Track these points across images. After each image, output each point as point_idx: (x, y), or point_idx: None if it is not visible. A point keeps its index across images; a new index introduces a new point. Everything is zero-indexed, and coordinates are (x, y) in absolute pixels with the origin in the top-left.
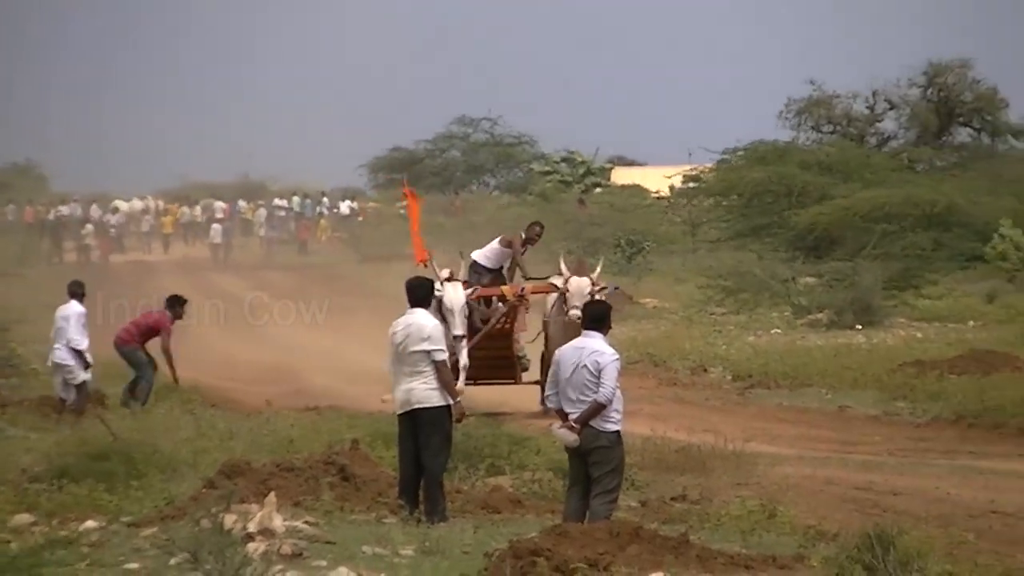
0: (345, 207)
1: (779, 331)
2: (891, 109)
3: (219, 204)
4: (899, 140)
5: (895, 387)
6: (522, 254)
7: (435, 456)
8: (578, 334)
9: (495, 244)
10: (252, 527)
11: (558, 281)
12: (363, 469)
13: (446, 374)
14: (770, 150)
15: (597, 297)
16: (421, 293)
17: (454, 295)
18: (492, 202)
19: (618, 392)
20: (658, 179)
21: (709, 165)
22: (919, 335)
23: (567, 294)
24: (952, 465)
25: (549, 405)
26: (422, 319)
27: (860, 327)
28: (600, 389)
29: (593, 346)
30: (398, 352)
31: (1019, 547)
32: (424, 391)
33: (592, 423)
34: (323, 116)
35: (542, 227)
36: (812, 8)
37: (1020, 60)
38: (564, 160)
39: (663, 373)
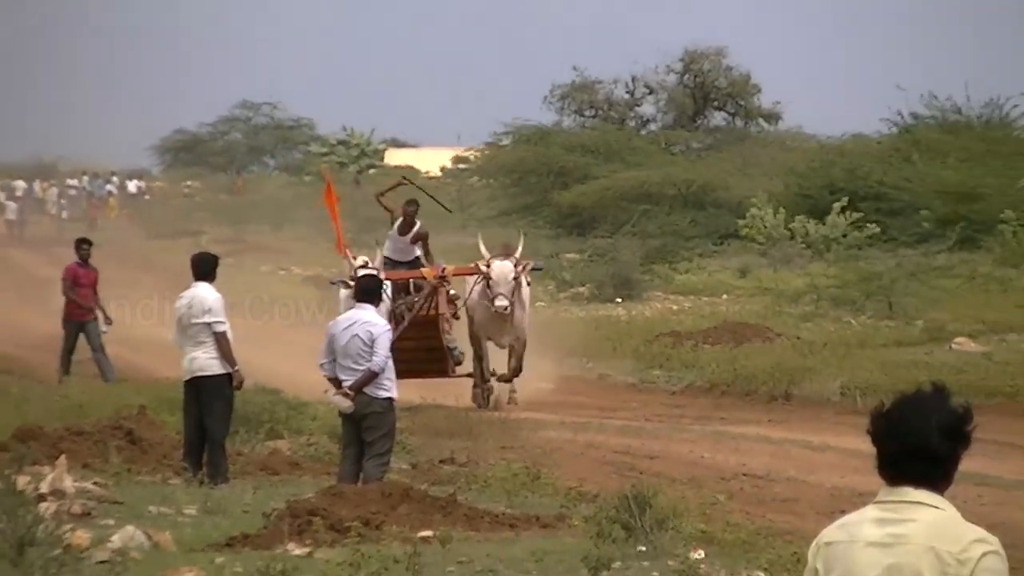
0: (133, 186)
1: (543, 304)
2: (650, 94)
3: (19, 183)
4: (657, 123)
5: (652, 356)
6: (411, 238)
7: (217, 421)
8: (505, 325)
9: (394, 236)
10: (44, 488)
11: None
12: (149, 433)
13: (225, 344)
14: (535, 132)
15: (521, 279)
16: (205, 267)
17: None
18: (272, 182)
19: (390, 361)
20: (430, 160)
21: (478, 147)
22: (675, 308)
23: (491, 280)
24: (705, 430)
25: (323, 373)
26: (204, 292)
27: (619, 300)
28: (373, 358)
29: (365, 317)
30: (182, 323)
31: (767, 507)
32: (205, 360)
33: (366, 390)
34: (111, 98)
35: (417, 204)
36: None
37: (772, 48)
38: (341, 142)
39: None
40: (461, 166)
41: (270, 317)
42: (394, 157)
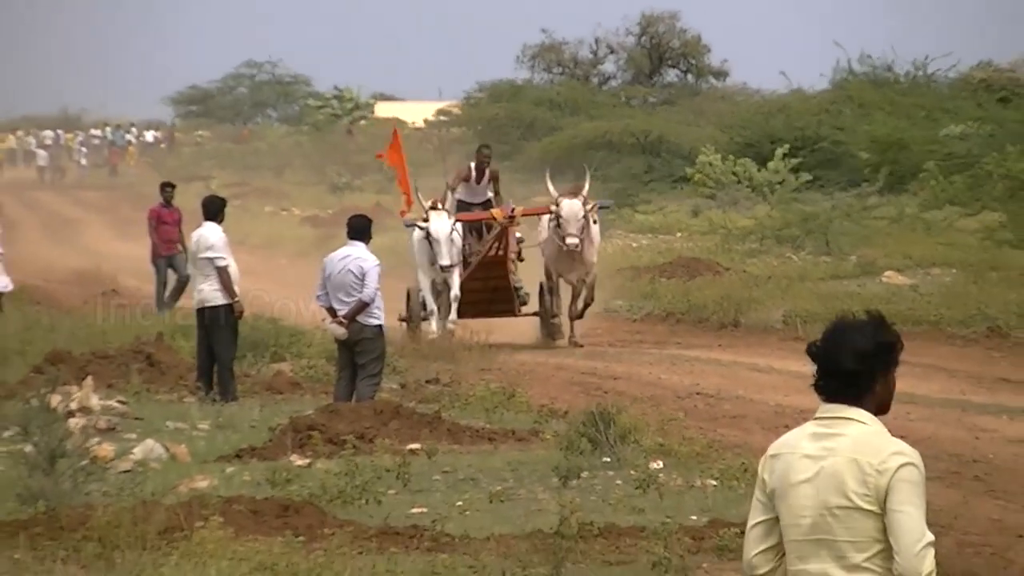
0: (150, 136)
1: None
2: (611, 54)
3: (47, 133)
4: (618, 80)
5: (614, 288)
6: (485, 182)
7: (223, 346)
8: (575, 262)
9: (464, 184)
10: (73, 406)
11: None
12: (166, 357)
13: (226, 277)
14: (508, 89)
15: (589, 217)
16: (212, 209)
17: (439, 224)
18: (273, 132)
19: (379, 292)
20: (414, 112)
21: (457, 101)
22: (634, 245)
23: (561, 220)
24: (662, 354)
25: (319, 304)
26: (209, 231)
27: None
28: (364, 290)
29: (357, 253)
30: (193, 258)
31: (719, 423)
32: (210, 291)
33: (358, 318)
34: (130, 56)
35: (489, 148)
36: None
37: (720, 12)
38: (335, 97)
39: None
40: (443, 118)
41: (273, 253)
42: (382, 110)
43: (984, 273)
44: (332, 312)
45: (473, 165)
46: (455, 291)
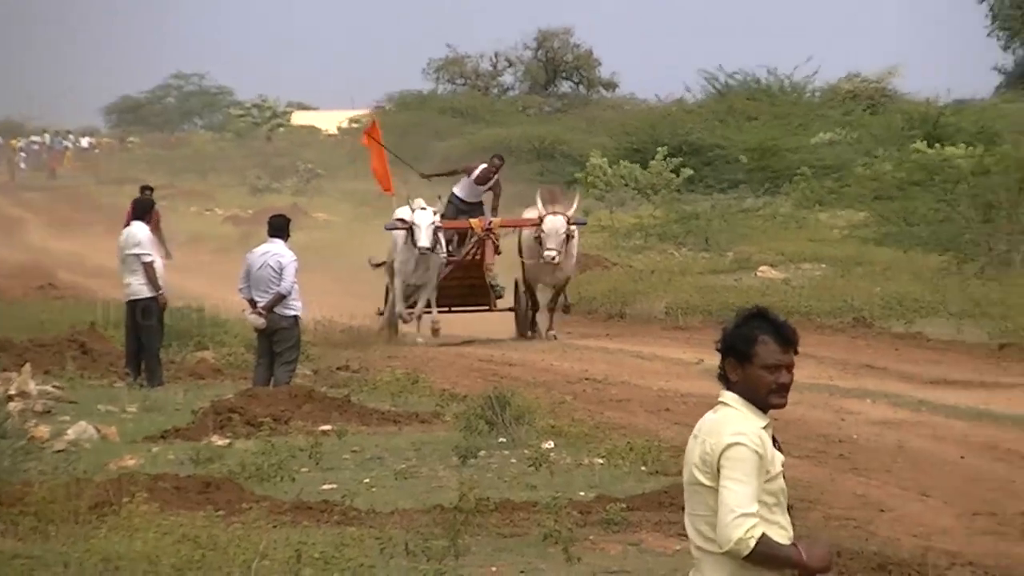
0: (85, 142)
1: None
2: (509, 67)
3: None
4: (515, 91)
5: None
6: (485, 188)
7: (150, 335)
8: (553, 272)
9: (470, 180)
10: (12, 390)
11: (532, 214)
12: (99, 345)
13: (151, 272)
14: (415, 99)
15: (571, 234)
16: (140, 209)
17: (423, 215)
18: (199, 138)
19: (296, 285)
20: (328, 120)
21: (368, 110)
22: None
23: (543, 235)
24: (554, 343)
25: (241, 296)
26: (136, 230)
27: None
28: (281, 283)
29: (275, 250)
30: (121, 255)
31: (605, 406)
32: (137, 285)
33: (276, 309)
34: (68, 67)
35: (502, 161)
36: None
37: (610, 28)
38: (255, 106)
39: (336, 270)
40: (355, 125)
41: (197, 249)
42: (299, 118)
43: (850, 268)
44: (252, 303)
45: (482, 168)
46: (430, 290)
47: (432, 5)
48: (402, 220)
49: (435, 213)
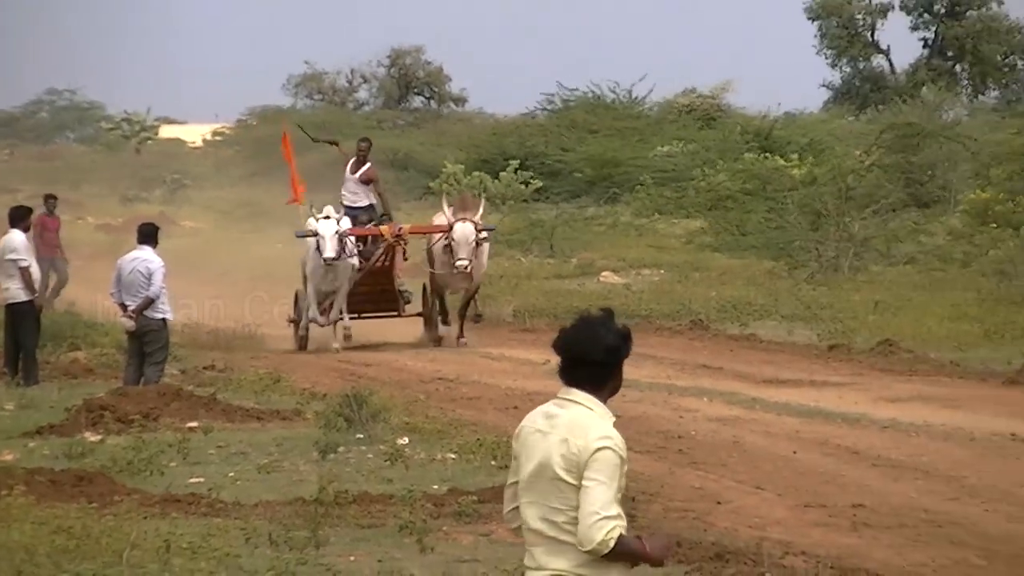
0: None
1: (281, 245)
2: (365, 83)
3: None
4: (370, 106)
5: None
6: (361, 176)
7: (27, 337)
8: (463, 282)
9: (347, 176)
10: None
11: (440, 220)
12: None
13: (27, 277)
14: (275, 113)
15: (481, 239)
16: (16, 218)
17: (326, 225)
18: (72, 151)
19: (164, 290)
20: (194, 133)
21: (231, 124)
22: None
23: (453, 242)
24: (407, 344)
25: (112, 301)
26: (13, 236)
27: None
28: (150, 288)
29: (144, 256)
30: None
31: (457, 404)
32: (15, 290)
33: (145, 312)
34: None
35: (368, 142)
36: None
37: (461, 47)
38: (124, 120)
39: (202, 274)
40: (218, 138)
41: (70, 256)
42: (166, 131)
43: (688, 273)
44: (123, 307)
45: (352, 161)
46: (342, 298)
47: (290, 24)
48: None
49: (338, 221)
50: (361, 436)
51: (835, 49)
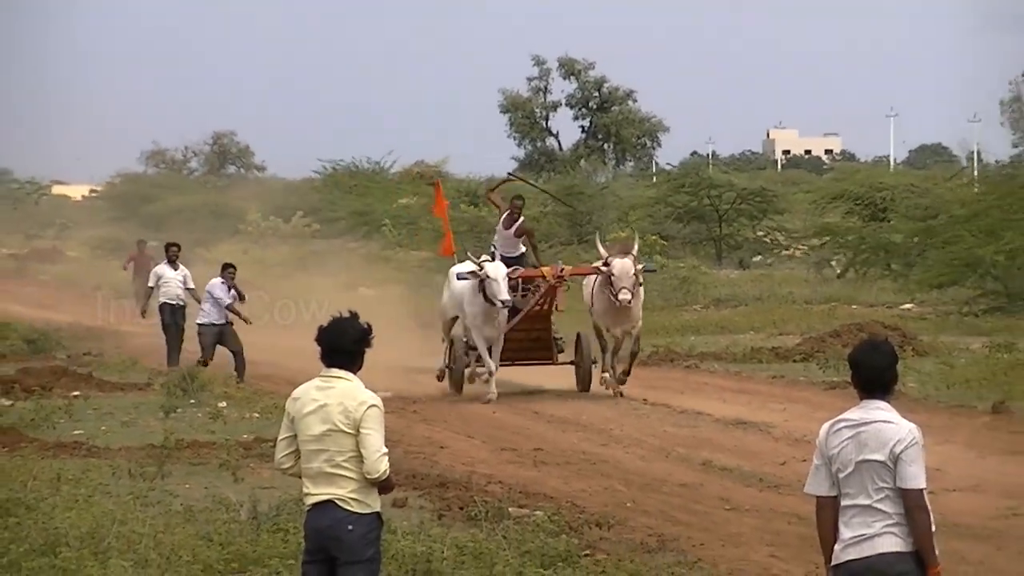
0: None
1: (125, 271)
2: (195, 156)
3: None
4: (199, 172)
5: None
6: (515, 231)
7: None
8: (624, 316)
9: (500, 230)
10: None
11: (597, 262)
12: None
13: None
14: (133, 176)
15: (640, 277)
16: None
17: (496, 267)
18: None
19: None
20: (77, 191)
21: (101, 185)
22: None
23: (613, 277)
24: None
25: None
26: None
27: None
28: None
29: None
30: None
31: (260, 379)
32: None
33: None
34: None
35: (522, 200)
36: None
37: (262, 126)
38: (28, 182)
39: (82, 288)
40: (93, 194)
41: None
42: (57, 189)
43: (419, 289)
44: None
45: (506, 214)
46: (498, 346)
47: (143, 109)
48: (472, 272)
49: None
50: (193, 401)
51: (520, 133)
